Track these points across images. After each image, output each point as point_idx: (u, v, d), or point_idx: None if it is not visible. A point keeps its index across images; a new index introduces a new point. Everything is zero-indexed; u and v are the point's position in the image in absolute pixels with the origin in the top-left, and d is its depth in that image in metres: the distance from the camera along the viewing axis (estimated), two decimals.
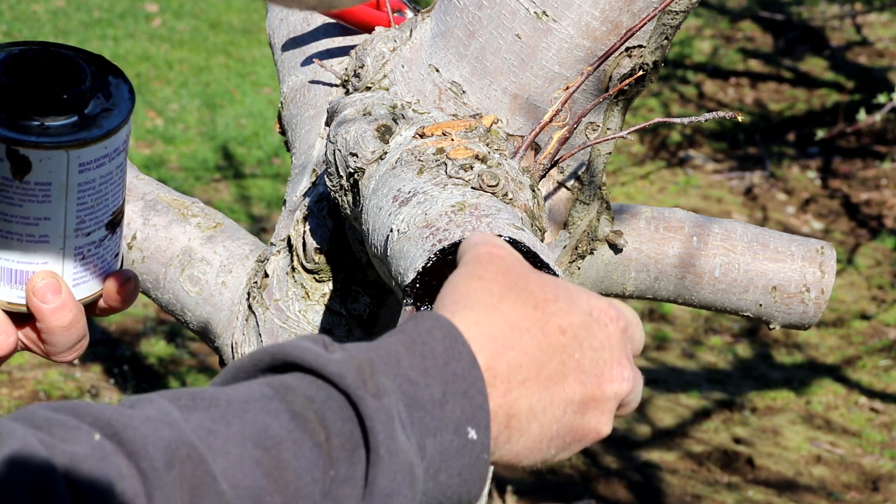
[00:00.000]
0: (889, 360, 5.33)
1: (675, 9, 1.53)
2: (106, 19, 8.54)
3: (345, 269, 1.65)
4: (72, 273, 1.20)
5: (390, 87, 1.59)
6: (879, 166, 6.92)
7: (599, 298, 1.01)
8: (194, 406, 0.88)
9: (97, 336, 4.99)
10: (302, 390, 0.90)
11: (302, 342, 0.92)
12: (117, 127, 1.17)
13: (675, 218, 1.81)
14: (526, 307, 0.97)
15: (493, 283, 0.98)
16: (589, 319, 0.99)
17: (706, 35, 8.55)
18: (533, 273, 1.00)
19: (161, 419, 0.86)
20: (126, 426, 0.85)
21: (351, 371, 0.90)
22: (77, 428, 0.84)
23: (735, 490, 4.43)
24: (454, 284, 0.99)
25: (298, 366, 0.91)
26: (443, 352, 0.92)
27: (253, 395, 0.89)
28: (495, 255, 1.00)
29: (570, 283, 1.01)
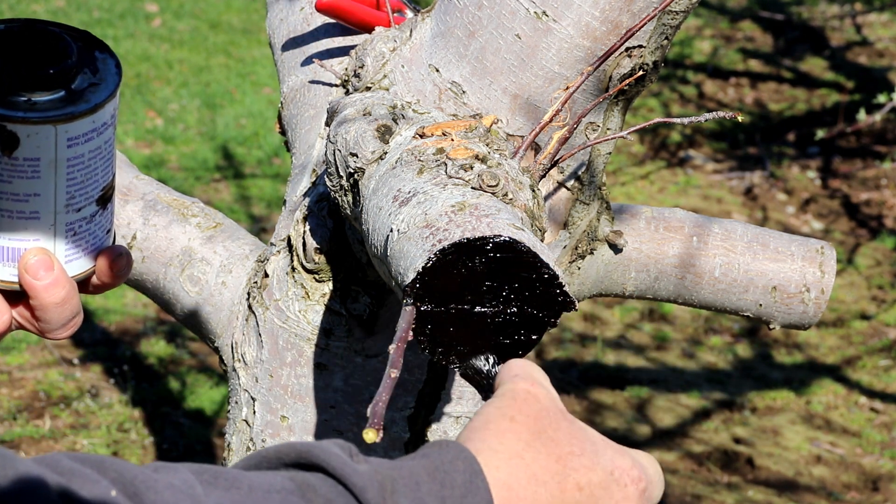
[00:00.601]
0: (889, 360, 5.32)
1: (675, 9, 1.53)
2: (106, 19, 8.54)
3: (345, 269, 1.65)
4: (63, 249, 1.20)
5: (390, 87, 1.59)
6: (879, 166, 6.92)
7: (624, 456, 1.03)
8: (216, 483, 0.89)
9: (97, 336, 4.98)
10: (323, 492, 0.92)
11: (330, 447, 0.95)
12: (104, 101, 1.17)
13: (675, 218, 1.81)
14: (549, 459, 0.99)
15: (522, 427, 1.00)
16: (609, 479, 1.00)
17: (706, 35, 8.55)
18: (564, 420, 1.02)
19: (184, 490, 0.87)
20: (149, 489, 0.86)
21: (373, 486, 0.92)
22: (97, 481, 0.85)
23: (735, 490, 4.43)
24: (486, 419, 1.01)
25: (323, 469, 0.93)
26: (462, 484, 0.95)
27: (274, 486, 0.91)
28: (532, 395, 1.02)
29: (598, 436, 1.03)
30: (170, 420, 4.47)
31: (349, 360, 1.68)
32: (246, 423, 1.74)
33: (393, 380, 1.13)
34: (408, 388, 1.67)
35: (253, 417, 1.73)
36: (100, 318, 5.11)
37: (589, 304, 5.46)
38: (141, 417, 4.48)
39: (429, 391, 1.68)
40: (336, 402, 1.69)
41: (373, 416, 1.08)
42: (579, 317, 5.43)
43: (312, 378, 1.69)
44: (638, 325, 5.46)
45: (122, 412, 4.49)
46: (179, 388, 4.68)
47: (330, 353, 1.68)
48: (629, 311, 5.53)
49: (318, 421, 1.70)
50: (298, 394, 1.70)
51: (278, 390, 1.70)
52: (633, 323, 5.47)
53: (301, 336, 1.68)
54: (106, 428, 4.36)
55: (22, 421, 4.37)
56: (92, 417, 4.45)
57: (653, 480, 1.04)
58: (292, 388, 1.70)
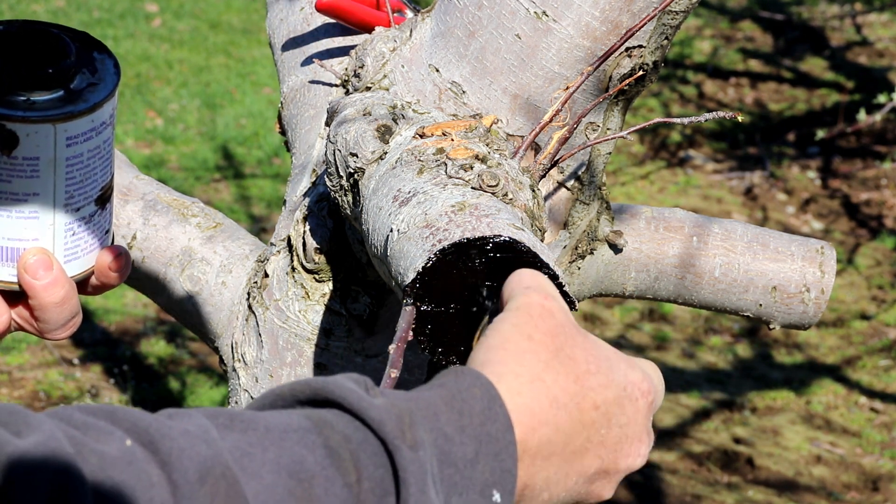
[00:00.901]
0: (889, 360, 5.33)
1: (675, 9, 1.53)
2: (106, 19, 8.54)
3: (345, 269, 1.65)
4: (63, 249, 1.20)
5: (390, 87, 1.59)
6: (879, 166, 6.92)
7: (635, 368, 1.04)
8: (232, 426, 0.89)
9: (97, 336, 4.98)
10: (340, 428, 0.91)
11: (345, 382, 0.94)
12: (103, 100, 1.17)
13: (675, 218, 1.81)
14: (568, 379, 0.99)
15: (541, 347, 1.00)
16: (622, 395, 1.02)
17: (706, 35, 8.55)
18: (579, 335, 1.02)
19: (199, 435, 0.87)
20: (164, 436, 0.85)
21: (391, 419, 0.92)
22: (111, 433, 0.85)
23: (735, 490, 4.43)
24: (503, 337, 1.01)
25: (339, 404, 0.93)
26: (480, 411, 0.95)
27: (291, 425, 0.91)
28: (547, 310, 1.02)
29: (610, 350, 1.03)
30: None
31: (349, 360, 1.68)
32: None
33: (393, 380, 1.13)
34: (408, 388, 1.67)
35: None
36: (100, 318, 5.11)
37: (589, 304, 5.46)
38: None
39: None
40: None
41: None
42: (579, 317, 5.43)
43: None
44: (638, 325, 5.47)
45: None
46: (179, 388, 4.68)
47: (330, 353, 1.68)
48: (629, 311, 5.53)
49: None
50: None
51: None
52: (633, 323, 5.47)
53: (301, 336, 1.68)
54: None
55: None
56: None
57: (658, 389, 1.06)
58: (304, 379, 1.70)
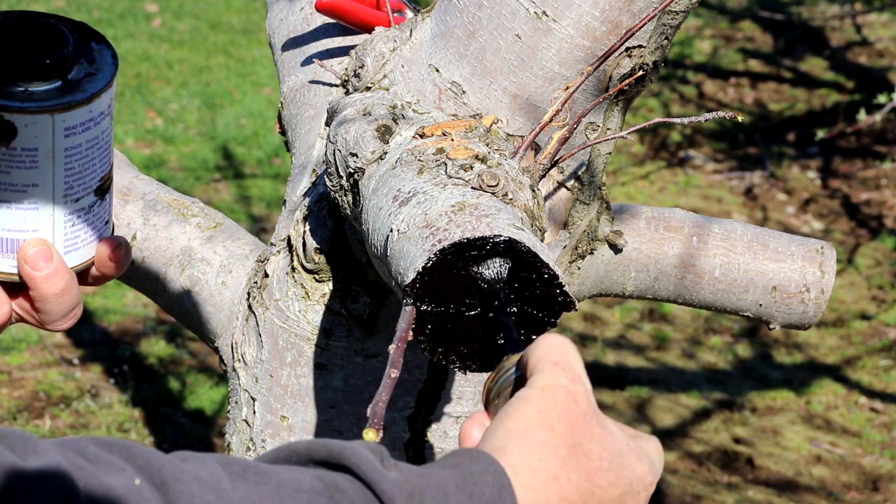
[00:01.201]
0: (889, 360, 5.32)
1: (675, 9, 1.53)
2: (106, 19, 8.54)
3: (345, 269, 1.65)
4: (63, 240, 1.20)
5: (390, 87, 1.59)
6: (879, 166, 6.92)
7: (642, 461, 1.05)
8: (245, 477, 0.90)
9: (97, 336, 4.98)
10: (351, 496, 0.92)
11: (362, 450, 0.95)
12: (101, 90, 1.17)
13: (675, 218, 1.81)
14: (581, 478, 1.01)
15: (560, 441, 1.01)
16: (627, 491, 1.03)
17: (706, 35, 8.55)
18: (597, 426, 1.03)
19: (210, 483, 0.88)
20: (176, 479, 0.86)
21: (403, 495, 0.93)
22: (122, 469, 0.85)
23: (735, 490, 4.43)
24: (524, 424, 1.01)
25: (353, 472, 0.94)
26: (490, 498, 0.96)
27: (303, 485, 0.91)
28: (571, 396, 1.02)
29: (623, 441, 1.04)
30: (170, 420, 4.47)
31: (349, 360, 1.68)
32: (246, 423, 1.74)
33: (393, 380, 1.13)
34: (408, 388, 1.67)
35: (253, 417, 1.73)
36: (100, 318, 5.11)
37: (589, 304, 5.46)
38: (141, 417, 4.48)
39: (429, 391, 1.68)
40: (336, 402, 1.69)
41: (373, 416, 1.08)
42: (579, 317, 5.43)
43: (312, 378, 1.69)
44: (638, 325, 5.46)
45: (122, 412, 4.49)
46: (179, 388, 4.68)
47: (330, 353, 1.68)
48: (629, 311, 5.53)
49: (318, 421, 1.70)
50: (298, 394, 1.70)
51: (278, 390, 1.70)
52: (633, 323, 5.47)
53: (301, 336, 1.68)
54: (106, 428, 4.36)
55: (22, 421, 4.37)
56: (92, 417, 4.45)
57: (658, 471, 1.07)
58: (292, 388, 1.70)
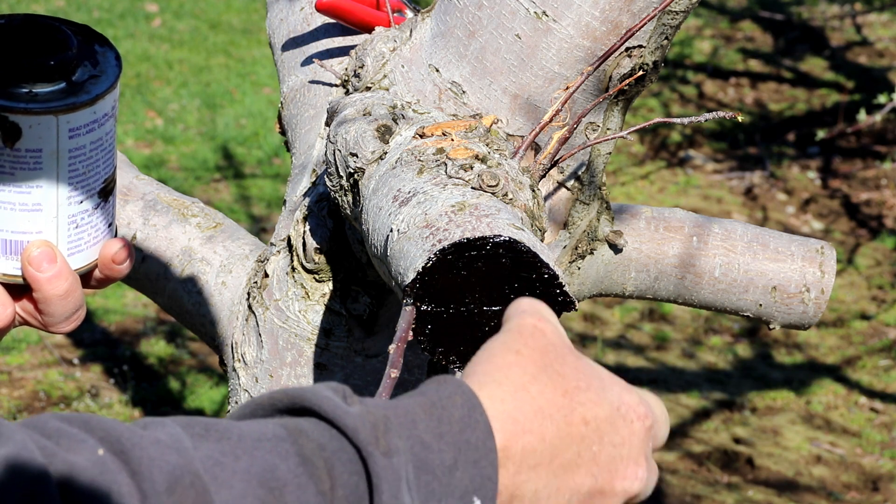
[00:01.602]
0: (889, 360, 5.33)
1: (675, 9, 1.53)
2: (106, 19, 8.54)
3: (345, 269, 1.65)
4: (66, 242, 1.20)
5: (390, 87, 1.59)
6: (879, 166, 6.92)
7: (631, 392, 1.01)
8: (206, 436, 0.89)
9: (97, 336, 4.99)
10: (315, 437, 0.91)
11: (323, 390, 0.93)
12: (105, 92, 1.17)
13: (675, 218, 1.81)
14: (555, 392, 0.97)
15: (528, 361, 0.98)
16: (615, 414, 0.99)
17: (706, 35, 8.55)
18: (571, 355, 1.00)
19: (171, 444, 0.87)
20: (135, 445, 0.86)
21: (366, 426, 0.91)
22: (83, 441, 0.85)
23: (735, 490, 4.43)
24: (490, 353, 1.00)
25: (315, 413, 0.92)
26: (460, 419, 0.93)
27: (266, 434, 0.90)
28: (539, 329, 1.00)
29: (605, 372, 1.01)
30: None
31: (349, 360, 1.68)
32: None
33: (393, 380, 1.13)
34: (408, 388, 1.67)
35: None
36: (100, 318, 5.11)
37: (589, 304, 5.46)
38: (141, 417, 4.48)
39: None
40: None
41: None
42: (579, 317, 5.43)
43: (312, 378, 1.69)
44: (638, 325, 5.46)
45: (122, 412, 4.49)
46: (179, 388, 4.68)
47: (330, 353, 1.68)
48: (629, 311, 5.53)
49: None
50: None
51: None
52: (633, 323, 5.47)
53: (301, 336, 1.68)
54: None
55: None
56: None
57: (658, 419, 1.03)
58: (282, 388, 1.70)
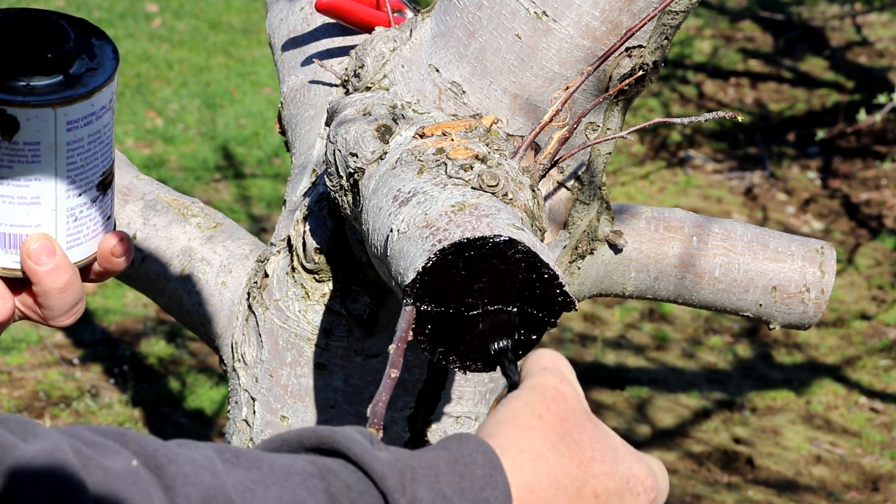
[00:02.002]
0: (889, 360, 5.32)
1: (675, 9, 1.53)
2: (106, 19, 8.54)
3: (345, 269, 1.65)
4: (65, 235, 1.20)
5: (390, 87, 1.59)
6: (879, 166, 6.92)
7: (641, 463, 1.05)
8: (237, 463, 0.91)
9: (97, 336, 4.98)
10: (343, 477, 0.93)
11: (352, 433, 0.96)
12: (102, 84, 1.18)
13: (675, 218, 1.81)
14: (571, 463, 1.01)
15: (549, 428, 1.01)
16: (624, 487, 1.03)
17: (706, 35, 8.55)
18: (589, 422, 1.04)
19: (205, 465, 0.89)
20: (170, 461, 0.87)
21: (394, 473, 0.94)
22: (118, 451, 0.87)
23: (735, 490, 4.43)
24: (513, 414, 1.02)
25: (344, 454, 0.95)
26: (481, 477, 0.96)
27: (295, 468, 0.92)
28: (560, 393, 1.03)
29: (619, 441, 1.05)
30: (170, 420, 4.48)
31: (349, 360, 1.68)
32: (246, 423, 1.74)
33: (393, 380, 1.13)
34: (408, 388, 1.67)
35: (253, 417, 1.73)
36: (100, 318, 5.11)
37: (589, 304, 5.46)
38: (141, 417, 4.48)
39: (429, 391, 1.68)
40: (336, 402, 1.69)
41: (373, 416, 1.08)
42: (579, 317, 5.43)
43: (312, 378, 1.69)
44: (638, 325, 5.46)
45: (122, 412, 4.49)
46: (179, 388, 4.68)
47: (330, 353, 1.68)
48: (629, 311, 5.53)
49: (318, 421, 1.70)
50: (298, 394, 1.70)
51: (278, 390, 1.71)
52: (633, 323, 5.47)
53: (301, 336, 1.68)
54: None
55: None
56: (92, 417, 4.45)
57: (661, 489, 1.07)
58: (292, 388, 1.70)
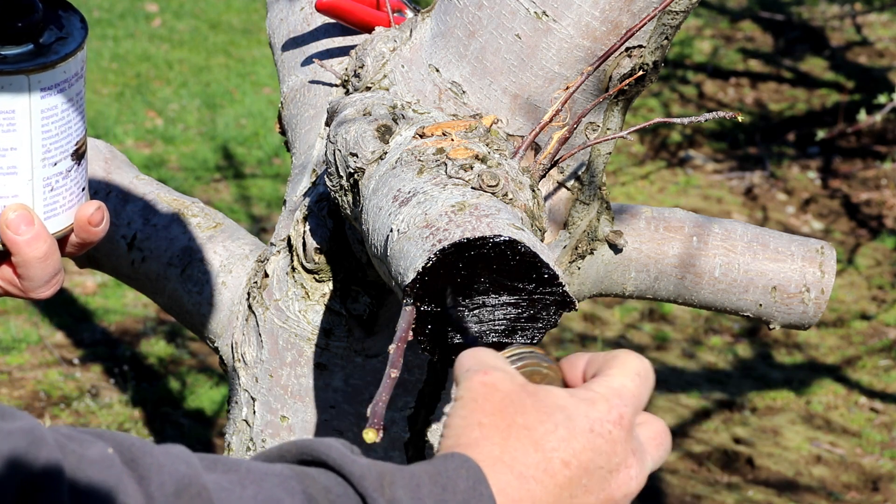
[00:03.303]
0: (889, 360, 5.32)
1: (675, 9, 1.53)
2: (106, 19, 8.54)
3: (345, 269, 1.65)
4: (42, 205, 1.21)
5: (390, 87, 1.59)
6: (879, 166, 6.92)
7: (595, 404, 1.02)
8: (214, 468, 0.91)
9: (97, 336, 4.99)
10: (322, 481, 0.92)
11: (331, 442, 0.95)
12: (73, 51, 1.20)
13: (675, 218, 1.81)
14: (527, 452, 0.98)
15: (492, 431, 0.98)
16: (590, 437, 1.00)
17: (706, 35, 8.55)
18: (528, 398, 1.00)
19: (181, 456, 0.89)
20: (145, 453, 0.88)
21: (372, 475, 0.92)
22: (94, 442, 0.87)
23: (735, 490, 4.43)
24: (456, 433, 1.00)
25: (323, 462, 0.94)
26: (464, 490, 0.94)
27: (273, 471, 0.92)
28: (488, 385, 1.00)
29: (564, 397, 1.01)
30: (170, 420, 4.48)
31: (349, 360, 1.68)
32: (246, 423, 1.74)
33: (393, 380, 1.13)
34: (408, 388, 1.67)
35: (253, 417, 1.73)
36: (100, 318, 5.11)
37: (589, 304, 5.46)
38: (141, 417, 4.48)
39: (429, 391, 1.68)
40: (336, 402, 1.69)
41: (373, 416, 1.08)
42: (579, 317, 5.43)
43: (312, 378, 1.69)
44: (638, 325, 5.46)
45: (122, 412, 4.49)
46: (179, 388, 4.68)
47: (330, 353, 1.68)
48: (629, 311, 5.53)
49: (318, 421, 1.70)
50: (298, 394, 1.70)
51: (278, 390, 1.71)
52: (633, 323, 5.47)
53: (301, 336, 1.68)
54: (106, 428, 4.36)
55: None
56: (92, 417, 4.45)
57: (635, 394, 1.05)
58: (292, 388, 1.70)
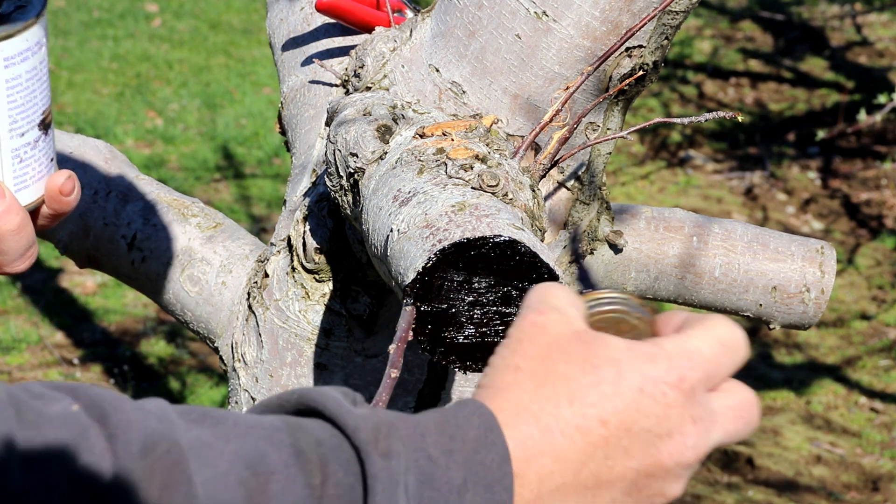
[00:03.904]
0: (889, 360, 5.33)
1: (675, 9, 1.53)
2: (106, 19, 8.54)
3: (345, 269, 1.65)
4: (12, 178, 1.22)
5: (390, 87, 1.59)
6: (879, 166, 6.92)
7: (656, 362, 0.90)
8: (201, 422, 0.87)
9: (97, 336, 4.98)
10: (314, 433, 0.87)
11: (332, 391, 0.90)
12: (35, 19, 1.20)
13: (675, 218, 1.81)
14: (559, 403, 0.89)
15: (526, 376, 0.90)
16: (638, 397, 0.89)
17: (706, 35, 8.55)
18: (578, 345, 0.91)
19: (155, 412, 0.86)
20: (116, 409, 0.85)
21: (367, 426, 0.87)
22: (61, 399, 0.84)
23: (735, 490, 4.43)
24: (491, 375, 0.92)
25: (320, 412, 0.89)
26: (474, 439, 0.87)
27: (262, 423, 0.88)
28: (538, 326, 0.92)
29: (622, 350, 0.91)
30: None
31: (349, 360, 1.68)
32: None
33: (393, 380, 1.13)
34: (408, 388, 1.67)
35: None
36: (100, 318, 5.11)
37: None
38: None
39: (429, 391, 1.68)
40: None
41: None
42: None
43: (312, 378, 1.69)
44: None
45: None
46: (179, 388, 4.68)
47: (330, 353, 1.68)
48: None
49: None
50: None
51: (278, 390, 1.71)
52: None
53: (301, 336, 1.68)
54: None
55: None
56: None
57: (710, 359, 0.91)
58: (292, 388, 1.70)
